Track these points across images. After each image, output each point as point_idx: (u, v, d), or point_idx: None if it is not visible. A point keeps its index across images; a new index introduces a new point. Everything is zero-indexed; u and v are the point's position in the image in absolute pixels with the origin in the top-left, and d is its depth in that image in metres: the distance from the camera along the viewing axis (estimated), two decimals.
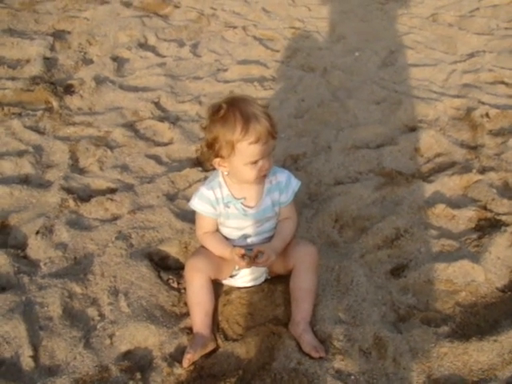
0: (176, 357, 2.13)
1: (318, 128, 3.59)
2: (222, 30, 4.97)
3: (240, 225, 2.27)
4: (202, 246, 2.34)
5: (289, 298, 2.29)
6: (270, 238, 2.32)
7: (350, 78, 4.15)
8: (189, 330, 2.23)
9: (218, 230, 2.33)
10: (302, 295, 2.23)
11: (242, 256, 2.13)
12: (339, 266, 2.50)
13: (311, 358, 2.07)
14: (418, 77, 4.16)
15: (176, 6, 5.45)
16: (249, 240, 2.30)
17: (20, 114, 3.65)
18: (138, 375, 2.05)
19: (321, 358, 2.07)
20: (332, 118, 3.70)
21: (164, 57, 4.53)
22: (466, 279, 2.43)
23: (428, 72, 4.21)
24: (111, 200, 2.92)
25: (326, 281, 2.44)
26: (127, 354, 2.16)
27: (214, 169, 2.27)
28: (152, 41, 4.78)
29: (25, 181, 3.09)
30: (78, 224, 2.77)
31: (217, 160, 2.15)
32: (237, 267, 2.34)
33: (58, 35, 4.72)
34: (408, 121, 3.62)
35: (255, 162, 2.09)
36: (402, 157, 3.27)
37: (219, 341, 2.20)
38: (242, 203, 2.23)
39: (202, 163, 3.28)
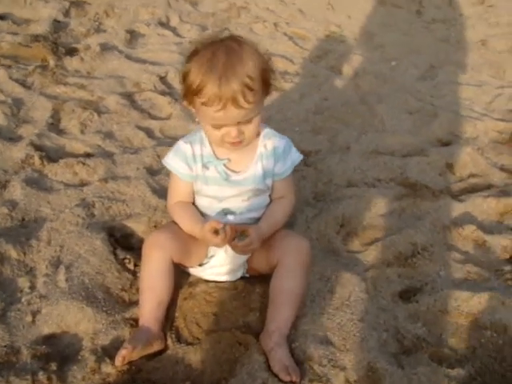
0: (109, 351, 1.69)
1: (337, 127, 3.14)
2: (250, 23, 4.58)
3: (220, 193, 1.82)
4: (172, 222, 1.89)
5: (267, 303, 1.83)
6: (256, 220, 1.86)
7: (383, 85, 3.71)
8: (134, 322, 1.78)
9: (193, 203, 1.88)
10: (282, 299, 1.76)
11: (216, 231, 1.67)
12: (336, 276, 2.03)
13: (281, 380, 1.59)
14: (460, 95, 3.70)
15: None
16: (230, 217, 1.84)
17: (10, 66, 3.29)
18: (54, 366, 1.60)
19: (292, 382, 1.58)
20: (356, 119, 3.24)
21: (183, 38, 4.14)
22: (493, 316, 1.92)
23: (471, 92, 3.75)
24: (83, 164, 2.52)
25: (318, 291, 1.97)
26: (49, 338, 1.74)
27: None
28: (174, 22, 4.41)
29: None
30: (37, 184, 2.38)
31: (185, 102, 1.74)
32: (209, 254, 1.88)
33: (77, 2, 4.38)
34: (442, 135, 3.15)
35: (217, 127, 1.66)
36: (430, 170, 2.79)
37: (169, 341, 1.75)
38: (224, 165, 1.78)
39: None
